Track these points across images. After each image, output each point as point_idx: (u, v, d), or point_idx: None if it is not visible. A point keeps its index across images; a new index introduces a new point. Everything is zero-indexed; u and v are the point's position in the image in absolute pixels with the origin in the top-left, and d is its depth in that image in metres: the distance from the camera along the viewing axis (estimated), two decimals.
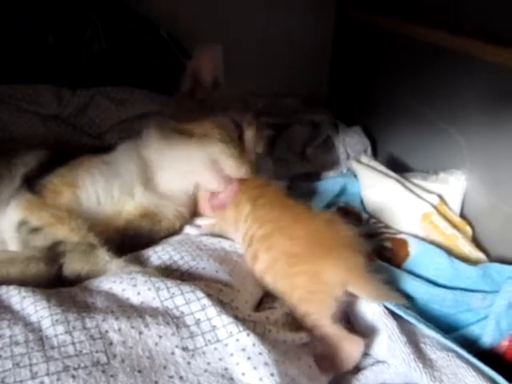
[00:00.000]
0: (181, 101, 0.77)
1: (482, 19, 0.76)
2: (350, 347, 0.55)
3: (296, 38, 1.27)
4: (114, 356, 0.45)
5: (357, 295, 0.58)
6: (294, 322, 0.59)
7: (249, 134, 0.73)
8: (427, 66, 0.91)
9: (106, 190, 0.70)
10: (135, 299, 0.52)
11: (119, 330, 0.48)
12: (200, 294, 0.53)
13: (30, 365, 0.43)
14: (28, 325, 0.48)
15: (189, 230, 0.75)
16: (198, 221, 0.77)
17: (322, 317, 0.56)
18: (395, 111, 1.04)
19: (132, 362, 0.45)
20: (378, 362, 0.59)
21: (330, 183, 0.85)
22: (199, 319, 0.50)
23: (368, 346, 0.57)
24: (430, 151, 0.93)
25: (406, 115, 0.99)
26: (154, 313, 0.50)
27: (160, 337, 0.48)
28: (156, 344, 0.47)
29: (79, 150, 0.81)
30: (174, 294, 0.52)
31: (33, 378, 0.42)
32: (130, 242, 0.69)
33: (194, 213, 0.78)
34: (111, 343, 0.46)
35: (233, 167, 0.70)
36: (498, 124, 0.75)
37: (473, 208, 0.82)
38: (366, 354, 0.60)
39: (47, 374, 0.42)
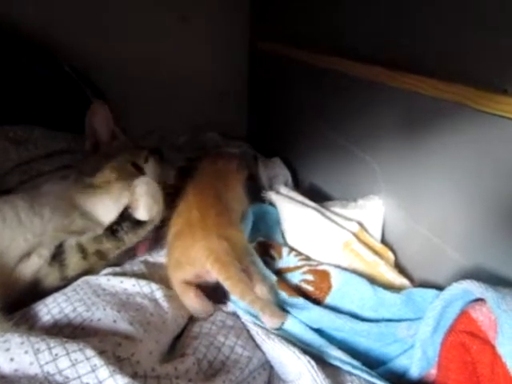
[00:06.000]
0: (88, 158, 0.81)
1: (383, 47, 0.78)
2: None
3: (213, 75, 1.27)
4: None
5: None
6: (210, 368, 0.53)
7: (148, 168, 0.77)
8: (338, 95, 0.91)
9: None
10: (7, 367, 0.43)
11: None
12: (90, 353, 0.45)
13: None
14: None
15: None
16: None
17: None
18: (312, 141, 1.03)
19: None
20: None
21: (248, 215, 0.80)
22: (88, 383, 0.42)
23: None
24: (348, 179, 0.93)
25: (323, 145, 0.99)
26: (31, 382, 0.42)
27: None
28: None
29: None
30: (57, 355, 0.44)
31: None
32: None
33: None
34: None
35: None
36: (409, 149, 0.75)
37: (393, 233, 0.81)
38: None
39: None
